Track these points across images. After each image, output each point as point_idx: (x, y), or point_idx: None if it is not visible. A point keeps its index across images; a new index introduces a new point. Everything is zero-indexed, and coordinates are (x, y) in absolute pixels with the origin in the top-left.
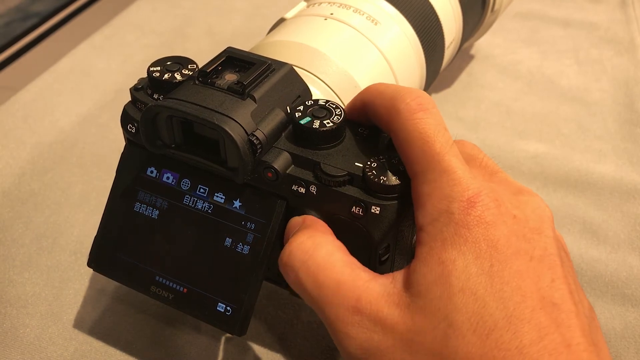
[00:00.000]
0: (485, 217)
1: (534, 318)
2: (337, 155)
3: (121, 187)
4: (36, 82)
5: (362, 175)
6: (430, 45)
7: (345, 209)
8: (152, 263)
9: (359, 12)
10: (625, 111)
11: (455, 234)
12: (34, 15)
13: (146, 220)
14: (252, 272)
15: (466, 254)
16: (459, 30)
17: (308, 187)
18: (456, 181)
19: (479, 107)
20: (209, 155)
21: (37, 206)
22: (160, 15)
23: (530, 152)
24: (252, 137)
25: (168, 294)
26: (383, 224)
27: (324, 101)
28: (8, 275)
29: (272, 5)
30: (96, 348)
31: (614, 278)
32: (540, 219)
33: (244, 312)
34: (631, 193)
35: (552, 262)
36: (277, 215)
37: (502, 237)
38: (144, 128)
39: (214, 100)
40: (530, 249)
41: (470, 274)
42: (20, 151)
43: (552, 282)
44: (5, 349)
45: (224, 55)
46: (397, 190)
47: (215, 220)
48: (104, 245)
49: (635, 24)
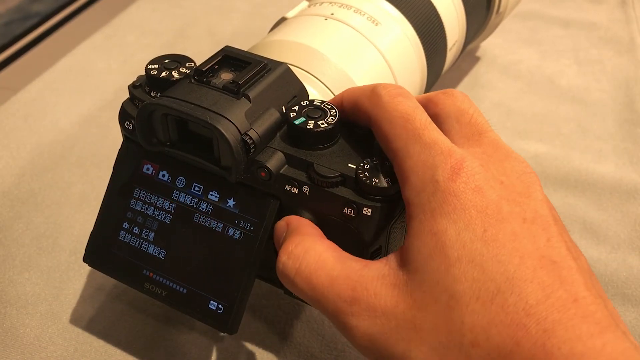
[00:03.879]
0: (471, 182)
1: (536, 277)
2: (330, 156)
3: (118, 184)
4: (36, 82)
5: (354, 177)
6: (432, 47)
7: (337, 210)
8: (146, 260)
9: (360, 13)
10: (625, 111)
11: (444, 202)
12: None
13: (143, 217)
14: (244, 271)
15: (457, 221)
16: (462, 32)
17: (301, 188)
18: (438, 150)
19: (479, 107)
20: (203, 154)
21: (37, 206)
22: (160, 15)
23: (530, 152)
24: (246, 137)
25: (161, 291)
26: (374, 226)
27: (319, 102)
28: (8, 275)
29: (272, 5)
30: (96, 348)
31: (614, 278)
32: (527, 184)
33: (236, 311)
34: (631, 193)
35: (545, 222)
36: (270, 214)
37: (492, 202)
38: (140, 125)
39: (209, 99)
40: (521, 212)
41: (465, 242)
42: (20, 151)
43: (548, 241)
44: (5, 349)
45: (221, 54)
46: (389, 192)
47: (209, 218)
48: (100, 241)
49: (635, 24)
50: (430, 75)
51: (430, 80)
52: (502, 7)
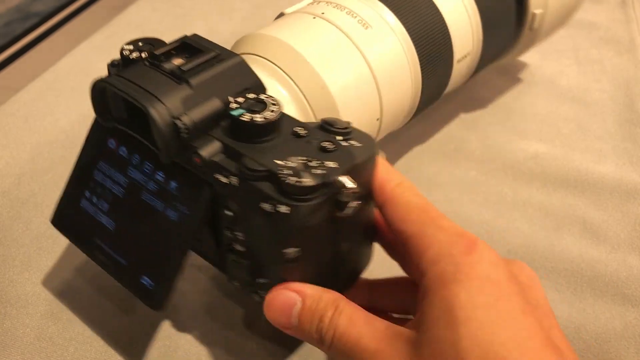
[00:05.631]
0: (485, 258)
1: (545, 354)
2: (265, 150)
3: (86, 155)
4: (36, 82)
5: (277, 174)
6: (432, 56)
7: (257, 204)
8: (99, 229)
9: (352, 14)
10: (625, 111)
11: (457, 271)
12: (34, 15)
13: (101, 189)
14: (176, 252)
15: (469, 288)
16: (477, 44)
17: (229, 178)
18: (454, 232)
19: (479, 107)
20: (145, 134)
21: (37, 206)
22: (160, 15)
23: (530, 152)
24: (177, 121)
25: (107, 260)
26: (290, 225)
27: (265, 96)
28: (8, 275)
29: (272, 5)
30: (96, 348)
31: (614, 278)
32: (532, 279)
33: (164, 288)
34: (631, 193)
35: (547, 311)
36: (203, 200)
37: (504, 278)
38: (93, 101)
39: (152, 82)
40: (527, 296)
41: (476, 305)
42: (20, 151)
43: (551, 328)
44: (5, 349)
45: (180, 41)
46: (310, 192)
47: (152, 197)
48: (66, 207)
49: (635, 24)
50: (428, 85)
51: (429, 91)
52: (536, 24)
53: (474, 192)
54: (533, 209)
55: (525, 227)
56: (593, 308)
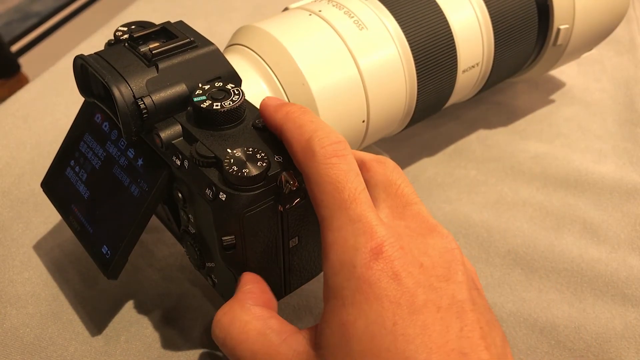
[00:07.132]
0: (388, 269)
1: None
2: (224, 138)
3: (76, 127)
4: (36, 82)
5: (222, 162)
6: (430, 63)
7: (202, 189)
8: (76, 197)
9: (350, 14)
10: (625, 111)
11: (357, 290)
12: (34, 15)
13: (83, 159)
14: (132, 226)
15: (368, 313)
16: (488, 55)
17: (182, 161)
18: (361, 230)
19: (478, 107)
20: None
21: (37, 206)
22: (160, 15)
23: (530, 152)
24: (140, 101)
25: (78, 226)
26: (227, 213)
27: (231, 86)
28: (8, 275)
29: (272, 5)
30: (96, 348)
31: (614, 278)
32: (448, 263)
33: (117, 259)
34: (631, 193)
35: (461, 308)
36: (162, 180)
37: (407, 291)
38: (75, 76)
39: (124, 62)
40: (437, 299)
41: (373, 335)
42: (20, 151)
43: (461, 330)
44: (5, 349)
45: (160, 26)
46: (250, 183)
47: (121, 171)
48: (54, 173)
49: (635, 24)
50: (427, 92)
51: (427, 98)
52: (561, 40)
53: (474, 192)
54: (533, 209)
55: (525, 227)
56: (593, 308)
